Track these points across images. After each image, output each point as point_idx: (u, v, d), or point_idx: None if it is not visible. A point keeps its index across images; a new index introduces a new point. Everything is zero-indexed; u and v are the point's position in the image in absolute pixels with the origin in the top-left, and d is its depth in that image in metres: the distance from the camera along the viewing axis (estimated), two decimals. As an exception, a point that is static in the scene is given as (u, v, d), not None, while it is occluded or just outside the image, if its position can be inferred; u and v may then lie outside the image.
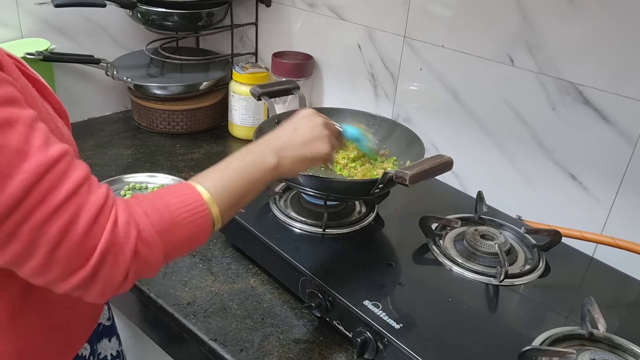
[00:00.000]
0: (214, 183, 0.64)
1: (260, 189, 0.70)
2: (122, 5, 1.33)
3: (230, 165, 0.68)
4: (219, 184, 0.65)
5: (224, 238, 1.06)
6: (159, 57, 1.50)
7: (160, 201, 0.60)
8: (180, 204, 0.60)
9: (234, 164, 0.69)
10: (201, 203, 0.62)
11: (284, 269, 0.89)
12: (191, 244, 0.63)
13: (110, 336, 0.88)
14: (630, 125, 0.97)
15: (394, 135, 1.08)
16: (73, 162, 0.55)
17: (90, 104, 1.52)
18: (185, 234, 0.61)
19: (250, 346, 0.83)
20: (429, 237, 0.94)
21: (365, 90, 1.35)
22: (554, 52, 1.02)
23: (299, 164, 0.74)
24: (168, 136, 1.47)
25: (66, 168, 0.54)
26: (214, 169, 0.67)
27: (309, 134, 0.75)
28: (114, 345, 0.88)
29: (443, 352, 0.72)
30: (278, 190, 1.01)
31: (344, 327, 0.81)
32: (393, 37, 1.25)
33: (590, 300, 0.77)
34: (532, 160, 1.10)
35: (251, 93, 1.07)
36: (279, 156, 0.71)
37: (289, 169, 0.73)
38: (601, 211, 1.04)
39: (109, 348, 0.87)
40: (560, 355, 0.69)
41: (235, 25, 1.52)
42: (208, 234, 0.64)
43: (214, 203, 0.63)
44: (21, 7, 1.31)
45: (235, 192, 0.66)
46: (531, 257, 0.93)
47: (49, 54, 1.29)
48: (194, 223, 0.61)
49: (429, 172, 0.79)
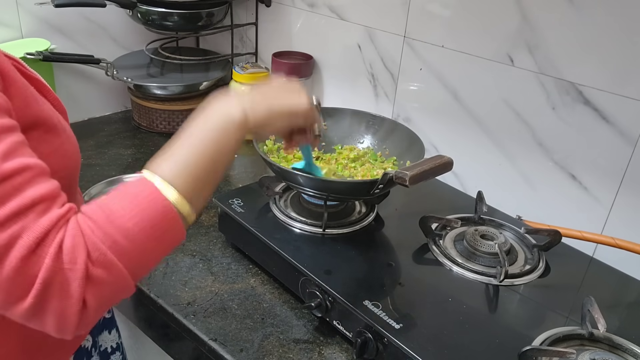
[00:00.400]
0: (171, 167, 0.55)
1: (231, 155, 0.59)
2: (122, 5, 1.33)
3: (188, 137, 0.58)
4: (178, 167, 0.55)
5: (224, 238, 1.06)
6: (159, 57, 1.50)
7: (110, 209, 0.52)
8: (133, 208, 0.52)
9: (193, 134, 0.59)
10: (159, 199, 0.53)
11: (284, 269, 0.89)
12: (161, 249, 0.55)
13: (110, 328, 0.88)
14: (630, 125, 0.97)
15: (394, 135, 1.08)
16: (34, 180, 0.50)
17: (90, 104, 1.52)
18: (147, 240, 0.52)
19: (250, 346, 0.83)
20: (429, 237, 0.94)
21: (365, 90, 1.35)
22: (554, 52, 1.02)
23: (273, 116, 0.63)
24: (168, 136, 1.43)
25: (21, 184, 0.48)
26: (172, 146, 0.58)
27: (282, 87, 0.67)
28: (113, 337, 0.88)
29: (443, 352, 0.72)
30: (278, 190, 1.01)
31: (344, 327, 0.81)
32: (393, 37, 1.25)
33: (590, 300, 0.77)
34: (532, 160, 1.10)
35: (251, 93, 1.07)
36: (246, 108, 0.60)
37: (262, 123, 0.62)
38: (601, 211, 1.04)
39: (109, 340, 0.87)
40: (560, 355, 0.69)
41: (235, 25, 1.52)
42: (179, 232, 0.55)
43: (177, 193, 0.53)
44: (21, 7, 1.31)
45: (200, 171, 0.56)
46: (531, 257, 0.93)
47: (49, 54, 1.29)
48: (156, 226, 0.52)
49: (429, 173, 0.79)
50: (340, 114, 1.12)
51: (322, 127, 0.74)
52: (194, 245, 1.05)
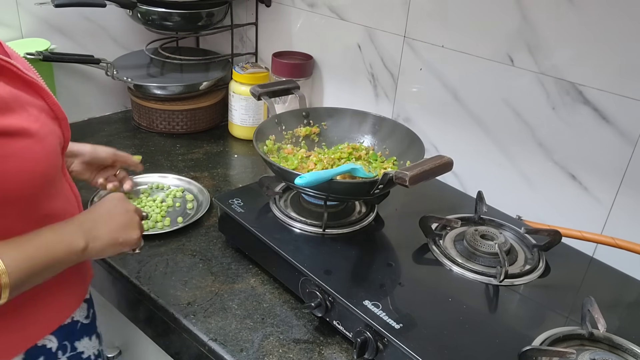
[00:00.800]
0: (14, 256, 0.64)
1: (62, 268, 0.71)
2: (122, 5, 1.34)
3: (37, 240, 0.68)
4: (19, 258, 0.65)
5: (224, 238, 1.06)
6: (159, 57, 1.50)
7: None
8: None
9: (42, 239, 0.69)
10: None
11: (284, 269, 0.89)
12: None
13: (90, 335, 0.88)
14: (630, 125, 0.97)
15: (394, 135, 1.08)
16: None
17: (90, 104, 1.52)
18: None
19: (250, 346, 0.83)
20: (429, 237, 0.94)
21: (365, 90, 1.35)
22: (553, 52, 1.02)
23: (108, 248, 0.76)
24: (168, 136, 1.47)
25: None
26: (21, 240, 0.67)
27: (121, 220, 0.78)
28: (94, 344, 0.89)
29: (443, 352, 0.72)
30: (278, 190, 1.01)
31: (344, 327, 0.81)
32: (393, 37, 1.25)
33: (590, 300, 0.77)
34: (532, 160, 1.10)
35: (251, 93, 1.07)
36: (88, 239, 0.72)
37: (97, 252, 0.75)
38: (601, 211, 1.04)
39: (90, 347, 0.88)
40: (560, 355, 0.69)
41: (235, 25, 1.52)
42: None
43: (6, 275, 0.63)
44: (21, 7, 1.31)
45: (34, 270, 0.66)
46: (531, 257, 0.93)
47: (49, 54, 1.29)
48: None
49: (429, 173, 0.79)
50: (340, 114, 1.13)
51: None
52: (194, 245, 1.05)
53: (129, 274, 0.96)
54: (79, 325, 0.85)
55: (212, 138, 1.47)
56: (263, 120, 1.13)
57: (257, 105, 1.41)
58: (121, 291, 1.00)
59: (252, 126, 1.43)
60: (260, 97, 1.05)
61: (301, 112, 1.11)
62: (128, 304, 1.01)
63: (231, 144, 1.46)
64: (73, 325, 0.83)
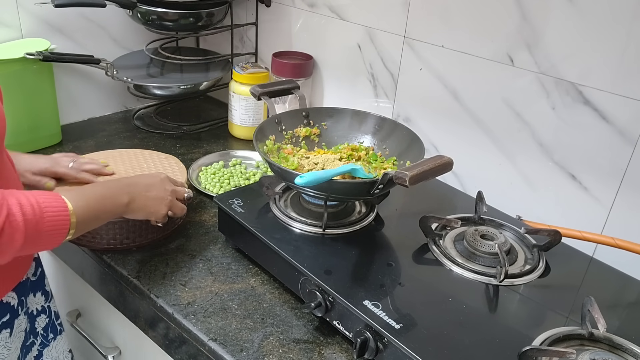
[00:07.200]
0: (77, 201, 0.78)
1: (108, 218, 0.88)
2: (122, 5, 1.33)
3: (94, 190, 0.87)
4: (80, 203, 0.79)
5: (224, 238, 1.06)
6: (159, 57, 1.50)
7: (34, 198, 0.72)
8: (49, 205, 0.74)
9: (97, 191, 0.86)
10: (66, 210, 0.76)
11: (284, 269, 0.89)
12: (47, 241, 0.75)
13: (36, 291, 0.95)
14: (630, 125, 0.97)
15: (394, 135, 1.08)
16: None
17: (90, 104, 1.52)
18: (47, 230, 0.73)
19: (250, 346, 0.83)
20: (429, 237, 0.94)
21: (365, 90, 1.35)
22: (554, 52, 1.02)
23: (141, 211, 0.91)
24: (168, 136, 1.47)
25: None
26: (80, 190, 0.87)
27: (156, 194, 0.93)
28: (38, 300, 0.96)
29: (443, 352, 0.72)
30: (278, 190, 1.01)
31: (344, 327, 0.81)
32: (393, 37, 1.25)
33: (590, 300, 0.77)
34: (532, 160, 1.10)
35: (251, 93, 1.07)
36: (130, 198, 0.89)
37: (133, 211, 0.90)
38: (601, 211, 1.04)
39: (34, 303, 0.95)
40: (560, 355, 0.69)
41: (235, 25, 1.52)
42: (62, 238, 0.76)
43: (74, 215, 0.77)
44: (21, 7, 1.31)
45: (90, 214, 0.81)
46: (531, 257, 0.93)
47: (49, 54, 1.29)
48: (56, 223, 0.74)
49: (428, 173, 0.79)
50: (341, 114, 1.13)
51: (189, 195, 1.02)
52: (194, 245, 1.05)
53: (129, 274, 0.96)
54: (28, 282, 0.92)
55: (212, 138, 1.47)
56: (263, 120, 1.13)
57: (257, 105, 1.41)
58: (121, 291, 1.00)
59: (252, 126, 1.43)
60: (260, 97, 1.05)
61: (301, 112, 1.11)
62: (128, 304, 1.01)
63: (231, 143, 1.46)
64: (26, 282, 0.91)
